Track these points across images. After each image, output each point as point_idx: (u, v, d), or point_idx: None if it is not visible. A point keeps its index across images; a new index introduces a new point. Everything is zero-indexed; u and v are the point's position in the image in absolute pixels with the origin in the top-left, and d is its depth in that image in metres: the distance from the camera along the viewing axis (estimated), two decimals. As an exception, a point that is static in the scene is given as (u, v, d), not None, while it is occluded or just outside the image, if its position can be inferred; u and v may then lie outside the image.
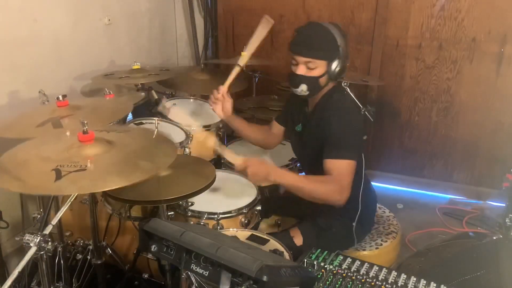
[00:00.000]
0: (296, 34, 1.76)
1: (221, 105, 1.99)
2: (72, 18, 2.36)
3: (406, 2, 2.84)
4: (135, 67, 2.36)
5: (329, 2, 3.02)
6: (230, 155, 1.76)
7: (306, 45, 1.72)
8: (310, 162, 1.94)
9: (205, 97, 2.68)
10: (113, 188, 1.20)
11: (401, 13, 2.87)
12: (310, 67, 1.73)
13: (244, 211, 1.86)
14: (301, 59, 1.73)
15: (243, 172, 1.67)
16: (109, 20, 2.63)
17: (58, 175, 1.19)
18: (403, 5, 2.85)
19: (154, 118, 2.27)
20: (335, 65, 1.73)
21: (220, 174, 2.00)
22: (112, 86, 2.10)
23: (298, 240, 1.88)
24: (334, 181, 1.64)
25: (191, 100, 2.64)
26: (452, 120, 2.96)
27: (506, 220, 1.80)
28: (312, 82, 1.75)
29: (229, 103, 2.00)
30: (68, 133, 1.44)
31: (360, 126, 1.81)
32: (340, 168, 1.65)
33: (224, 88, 1.97)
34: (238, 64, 1.96)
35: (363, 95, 3.01)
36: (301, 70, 1.74)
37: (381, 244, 1.98)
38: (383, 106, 3.04)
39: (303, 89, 1.77)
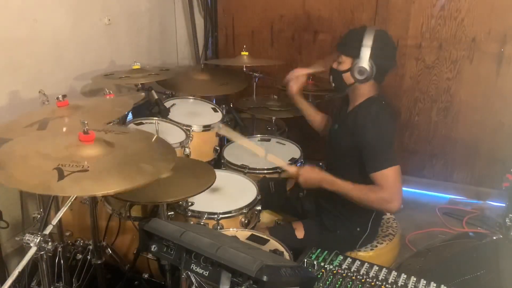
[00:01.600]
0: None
1: (292, 84, 2.18)
2: (72, 18, 2.36)
3: (406, 2, 2.84)
4: (135, 67, 2.36)
5: (329, 2, 3.02)
6: (280, 162, 2.02)
7: (341, 41, 1.87)
8: (333, 162, 1.98)
9: (205, 97, 2.69)
10: (116, 190, 1.20)
11: (401, 13, 2.87)
12: (339, 61, 1.84)
13: (244, 211, 1.86)
14: (336, 54, 1.87)
15: (293, 178, 1.89)
16: (109, 20, 2.63)
17: (61, 174, 1.18)
18: (403, 5, 2.85)
19: (154, 118, 2.28)
20: (357, 63, 1.77)
21: (220, 174, 2.00)
22: (112, 86, 2.10)
23: (300, 233, 1.90)
24: (382, 190, 1.70)
25: (191, 100, 2.64)
26: (452, 120, 2.96)
27: (506, 220, 1.81)
28: (336, 75, 1.86)
29: (297, 85, 2.18)
30: (64, 129, 1.43)
31: (394, 134, 1.84)
32: (387, 177, 1.71)
33: (300, 70, 2.18)
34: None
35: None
36: (334, 63, 1.87)
37: (376, 246, 1.98)
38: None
39: (330, 80, 1.90)
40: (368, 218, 1.88)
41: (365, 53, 1.76)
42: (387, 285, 1.45)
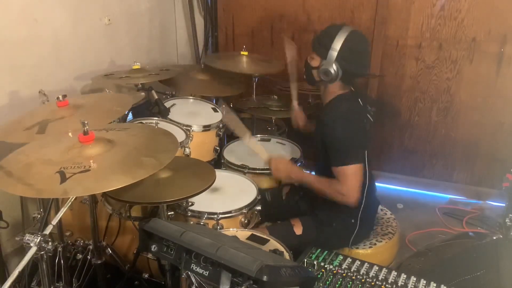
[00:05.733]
0: None
1: (296, 121, 2.32)
2: (72, 18, 2.36)
3: (406, 2, 2.84)
4: (135, 67, 2.36)
5: (329, 2, 3.02)
6: (259, 149, 2.07)
7: (314, 38, 1.91)
8: (317, 161, 2.04)
9: (205, 97, 2.69)
10: (119, 187, 1.21)
11: (401, 13, 2.87)
12: (311, 57, 1.90)
13: (244, 211, 1.86)
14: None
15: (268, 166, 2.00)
16: (109, 20, 2.62)
17: (63, 177, 1.20)
18: (403, 5, 2.85)
19: (154, 118, 2.28)
20: (325, 64, 1.81)
21: (220, 174, 2.00)
22: (112, 86, 2.11)
23: (298, 229, 1.91)
24: (340, 184, 1.76)
25: (191, 100, 2.64)
26: (452, 120, 2.96)
27: (506, 220, 1.81)
28: (307, 69, 1.93)
29: (301, 119, 2.32)
30: (70, 134, 1.44)
31: (362, 132, 1.87)
32: (346, 173, 1.75)
33: (295, 105, 2.30)
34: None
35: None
36: (308, 57, 1.93)
37: (375, 244, 1.98)
38: (383, 106, 3.04)
39: (304, 73, 1.97)
40: (359, 208, 1.89)
41: (332, 56, 1.78)
42: (387, 285, 1.45)
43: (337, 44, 1.77)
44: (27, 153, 1.41)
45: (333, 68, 1.79)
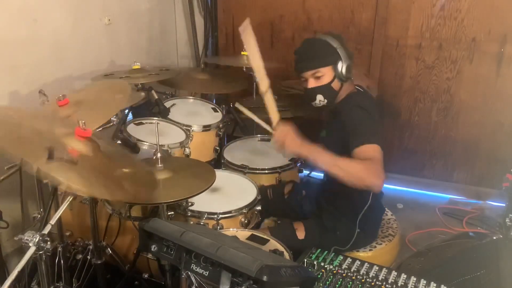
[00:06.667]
0: (295, 56, 1.88)
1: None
2: (72, 18, 2.36)
3: (406, 2, 2.84)
4: (135, 67, 2.36)
5: (329, 2, 3.02)
6: (272, 107, 1.75)
7: (306, 59, 1.83)
8: None
9: (205, 97, 2.69)
10: (95, 195, 1.19)
11: (401, 13, 2.87)
12: (317, 77, 1.81)
13: (244, 211, 1.86)
14: (307, 73, 1.83)
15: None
16: (109, 20, 2.62)
17: (51, 155, 1.16)
18: (403, 5, 2.85)
19: (154, 118, 2.28)
20: (340, 67, 1.80)
21: (220, 174, 2.00)
22: (112, 86, 2.10)
23: (301, 233, 1.89)
24: (372, 161, 1.56)
25: (191, 100, 2.64)
26: (452, 120, 2.96)
27: (506, 220, 1.81)
28: (326, 90, 1.83)
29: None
30: (82, 122, 1.39)
31: (376, 120, 1.79)
32: (372, 152, 1.59)
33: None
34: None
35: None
36: (311, 83, 1.83)
37: (375, 246, 1.97)
38: (383, 106, 3.04)
39: (320, 99, 1.85)
40: (367, 218, 1.87)
41: (339, 52, 1.80)
42: (387, 285, 1.45)
43: (335, 43, 1.80)
44: (20, 115, 1.38)
45: (348, 61, 1.81)
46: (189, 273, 1.14)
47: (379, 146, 1.62)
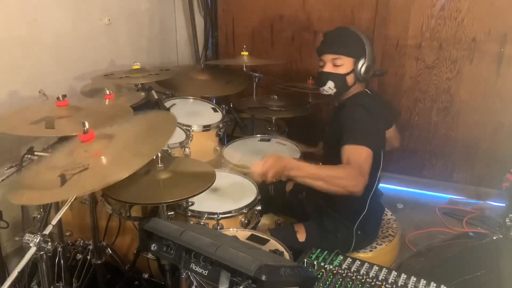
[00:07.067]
0: (324, 37, 1.85)
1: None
2: (72, 18, 2.36)
3: (406, 2, 2.84)
4: (135, 67, 2.36)
5: (329, 2, 3.02)
6: (243, 164, 1.78)
7: (333, 43, 1.80)
8: (327, 159, 1.92)
9: (205, 97, 2.69)
10: (114, 180, 1.21)
11: (401, 13, 2.87)
12: (336, 64, 1.79)
13: (244, 211, 1.86)
14: (328, 56, 1.80)
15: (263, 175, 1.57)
16: (109, 20, 2.63)
17: (63, 180, 1.21)
18: (403, 5, 2.85)
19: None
20: (361, 64, 1.78)
21: (220, 174, 2.00)
22: (112, 86, 2.10)
23: (301, 236, 1.89)
24: (351, 166, 1.57)
25: (191, 100, 2.64)
26: (452, 120, 2.96)
27: (506, 220, 1.80)
28: (339, 79, 1.80)
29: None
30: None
31: (380, 126, 1.81)
32: (357, 154, 1.59)
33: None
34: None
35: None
36: (328, 67, 1.80)
37: (375, 247, 1.97)
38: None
39: (330, 86, 1.81)
40: (366, 219, 1.87)
41: (366, 51, 1.78)
42: (387, 285, 1.45)
43: (366, 41, 1.79)
44: (41, 164, 1.46)
45: (371, 61, 1.79)
46: (189, 272, 1.14)
47: (368, 149, 1.61)
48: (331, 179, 1.56)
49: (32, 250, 1.18)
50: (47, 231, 1.22)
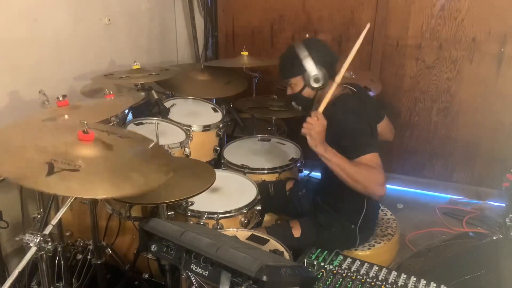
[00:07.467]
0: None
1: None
2: (72, 18, 2.36)
3: (406, 2, 2.84)
4: (135, 67, 2.36)
5: (329, 2, 3.02)
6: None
7: (281, 69, 1.95)
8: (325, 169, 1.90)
9: (205, 97, 2.69)
10: (102, 197, 1.17)
11: (401, 13, 2.87)
12: (291, 86, 1.92)
13: (244, 211, 1.86)
14: (285, 81, 1.95)
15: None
16: (109, 20, 2.62)
17: (51, 170, 1.16)
18: (403, 5, 2.85)
19: (154, 118, 2.28)
20: (309, 75, 1.83)
21: (220, 174, 2.00)
22: (112, 86, 2.10)
23: (296, 231, 1.91)
24: (376, 171, 1.62)
25: (191, 100, 2.64)
26: (452, 120, 2.96)
27: (506, 220, 1.80)
28: (298, 98, 1.91)
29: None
30: (66, 116, 1.40)
31: (371, 125, 1.82)
32: (373, 161, 1.63)
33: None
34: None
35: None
36: (288, 90, 1.95)
37: (374, 245, 1.97)
38: (383, 106, 3.04)
39: (295, 105, 1.96)
40: (360, 215, 1.88)
41: (308, 62, 1.82)
42: (387, 285, 1.45)
43: (304, 52, 1.83)
44: (24, 135, 1.36)
45: (317, 70, 1.82)
46: (189, 273, 1.14)
47: (377, 154, 1.67)
48: (362, 180, 1.61)
49: (32, 250, 1.17)
50: (47, 231, 1.21)
